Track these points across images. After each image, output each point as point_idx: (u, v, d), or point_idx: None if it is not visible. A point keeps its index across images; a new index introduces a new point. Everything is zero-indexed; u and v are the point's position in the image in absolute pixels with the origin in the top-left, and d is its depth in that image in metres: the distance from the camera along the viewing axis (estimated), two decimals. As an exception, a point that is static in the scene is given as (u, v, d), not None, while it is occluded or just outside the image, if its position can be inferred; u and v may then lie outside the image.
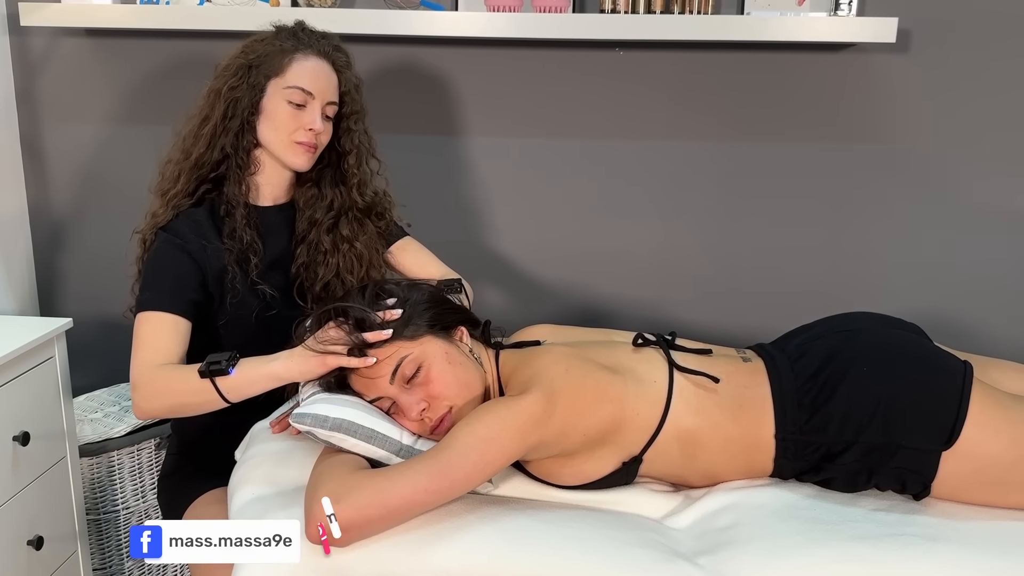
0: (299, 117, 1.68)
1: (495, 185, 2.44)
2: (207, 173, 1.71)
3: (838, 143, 2.36)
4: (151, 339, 1.56)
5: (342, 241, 1.79)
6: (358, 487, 1.27)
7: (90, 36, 2.37)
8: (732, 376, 1.51)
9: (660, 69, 2.35)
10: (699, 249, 2.45)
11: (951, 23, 2.27)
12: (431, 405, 1.43)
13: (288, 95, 1.67)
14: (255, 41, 1.71)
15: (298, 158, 1.71)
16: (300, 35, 1.71)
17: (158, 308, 1.58)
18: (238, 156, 1.70)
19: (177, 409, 1.58)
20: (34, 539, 1.93)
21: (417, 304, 1.50)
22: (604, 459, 1.46)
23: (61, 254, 2.51)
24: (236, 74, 1.67)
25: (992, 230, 2.39)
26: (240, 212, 1.69)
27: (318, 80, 1.68)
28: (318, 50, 1.70)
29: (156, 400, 1.54)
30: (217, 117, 1.68)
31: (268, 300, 1.69)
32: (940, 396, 1.42)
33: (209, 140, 1.69)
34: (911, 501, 1.46)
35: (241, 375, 1.48)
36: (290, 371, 1.46)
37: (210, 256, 1.66)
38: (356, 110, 1.78)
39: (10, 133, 2.39)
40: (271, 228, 1.76)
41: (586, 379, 1.43)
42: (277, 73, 1.67)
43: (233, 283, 1.66)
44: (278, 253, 1.76)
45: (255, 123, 1.70)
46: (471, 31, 2.19)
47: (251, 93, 1.67)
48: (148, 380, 1.53)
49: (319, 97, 1.68)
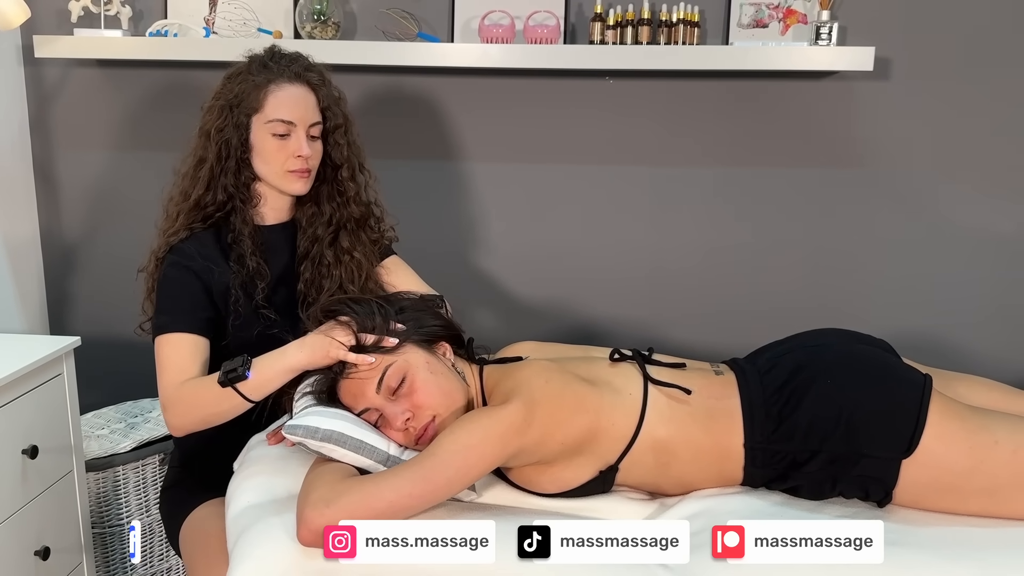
0: (286, 147, 1.72)
1: (489, 209, 2.52)
2: (213, 212, 1.75)
3: (820, 167, 2.43)
4: (173, 360, 1.63)
5: (343, 253, 1.83)
6: (347, 492, 1.33)
7: (101, 67, 2.46)
8: (704, 388, 1.56)
9: (648, 97, 2.42)
10: (686, 270, 2.52)
11: (929, 51, 2.35)
12: (415, 415, 1.49)
13: (271, 128, 1.70)
14: (231, 78, 1.74)
15: (294, 185, 1.76)
16: (270, 64, 1.72)
17: (175, 330, 1.64)
18: (240, 193, 1.75)
19: (209, 420, 1.61)
20: (41, 549, 1.98)
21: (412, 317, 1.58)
22: (582, 467, 1.52)
23: (71, 275, 2.59)
24: (220, 115, 1.71)
25: (969, 251, 2.45)
26: (247, 241, 1.74)
27: (296, 107, 1.71)
28: (290, 75, 1.72)
29: (188, 416, 1.61)
30: (212, 159, 1.72)
31: (271, 323, 1.73)
32: (900, 406, 1.47)
33: (208, 182, 1.73)
34: (875, 508, 1.51)
35: (258, 375, 1.53)
36: (300, 362, 1.52)
37: (216, 278, 1.71)
38: (340, 123, 1.79)
39: (24, 159, 2.49)
40: (274, 247, 1.81)
41: (565, 390, 1.49)
42: (256, 109, 1.70)
43: (236, 306, 1.70)
44: (281, 270, 1.81)
45: (249, 159, 1.74)
46: (466, 61, 2.27)
47: (238, 132, 1.71)
48: (177, 399, 1.60)
49: (300, 123, 1.72)
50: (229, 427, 1.74)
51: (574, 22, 2.38)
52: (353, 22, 2.42)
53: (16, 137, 2.45)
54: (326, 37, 2.32)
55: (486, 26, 2.27)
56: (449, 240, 2.52)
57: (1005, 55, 2.34)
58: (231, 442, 1.75)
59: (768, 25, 2.34)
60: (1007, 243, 2.43)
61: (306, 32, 2.33)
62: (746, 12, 2.34)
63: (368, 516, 1.32)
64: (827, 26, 2.22)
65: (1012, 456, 1.45)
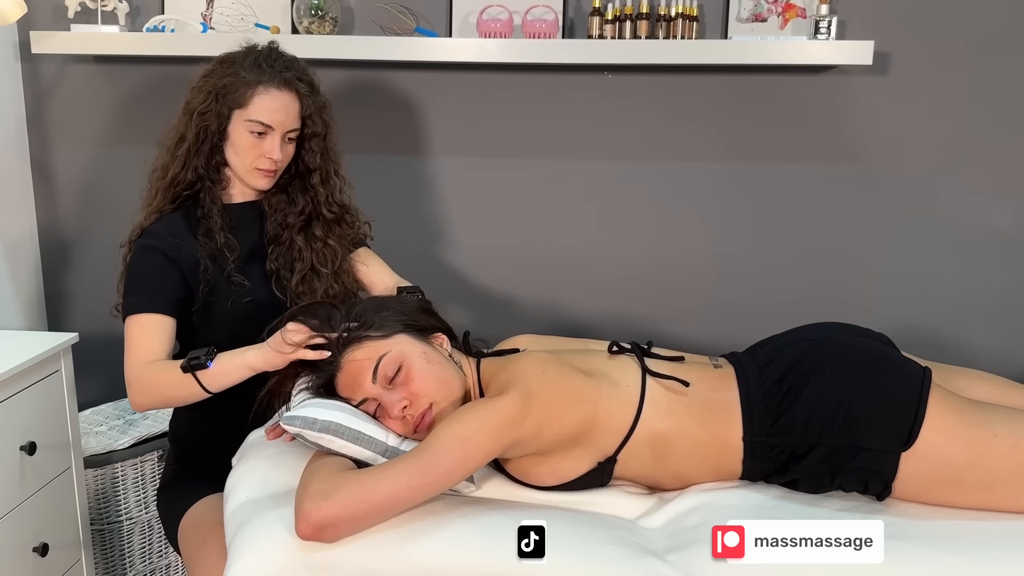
0: (260, 146, 1.76)
1: (487, 204, 2.51)
2: (182, 191, 1.80)
3: (819, 162, 2.43)
4: (139, 339, 1.69)
5: (315, 240, 1.87)
6: (344, 485, 1.33)
7: (98, 62, 2.46)
8: (702, 381, 1.57)
9: (647, 92, 2.42)
10: (684, 265, 2.51)
11: (928, 45, 2.34)
12: (412, 402, 1.50)
13: (250, 127, 1.74)
14: (223, 63, 1.77)
15: (259, 181, 1.81)
16: (263, 66, 1.75)
17: (142, 310, 1.70)
18: (209, 175, 1.79)
19: (167, 401, 1.73)
20: (39, 546, 1.98)
21: (389, 306, 1.59)
22: (579, 459, 1.52)
23: (69, 272, 2.59)
24: (206, 100, 1.75)
25: (968, 245, 2.44)
26: (215, 217, 1.78)
27: (277, 113, 1.75)
28: (280, 81, 1.75)
29: (148, 395, 1.69)
30: (191, 139, 1.76)
31: (244, 290, 1.77)
32: (899, 400, 1.47)
33: (184, 161, 1.78)
34: (874, 502, 1.51)
35: (218, 367, 1.61)
36: (257, 361, 1.59)
37: (184, 254, 1.74)
38: (317, 132, 1.83)
39: (21, 155, 2.48)
40: (243, 224, 1.84)
41: (562, 382, 1.49)
42: (240, 105, 1.74)
43: (206, 275, 1.74)
44: (251, 246, 1.84)
45: (222, 147, 1.78)
46: (464, 56, 2.27)
47: (218, 120, 1.75)
48: (139, 378, 1.67)
49: (279, 128, 1.76)
50: (225, 423, 1.76)
51: (572, 16, 2.37)
52: (350, 17, 2.42)
53: (13, 133, 2.44)
54: (323, 32, 2.32)
55: (484, 21, 2.27)
56: (447, 235, 2.52)
57: (1005, 49, 2.33)
58: (228, 438, 1.76)
59: (767, 19, 2.34)
60: (1006, 237, 2.43)
61: (303, 27, 2.32)
62: (745, 6, 2.33)
63: (366, 509, 1.32)
64: (826, 20, 2.21)
65: (1011, 449, 1.45)
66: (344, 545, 1.33)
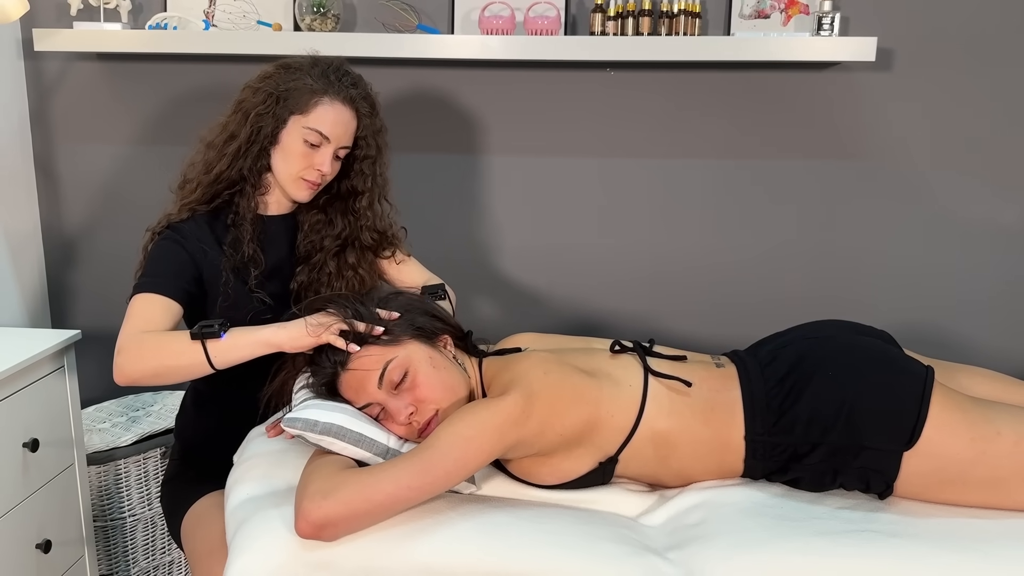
0: (311, 156, 1.73)
1: (489, 201, 2.51)
2: (223, 189, 1.77)
3: (822, 158, 2.42)
4: (141, 313, 1.61)
5: (347, 267, 1.85)
6: (345, 483, 1.33)
7: (101, 60, 2.46)
8: (704, 380, 1.56)
9: (649, 89, 2.41)
10: (687, 262, 2.51)
11: (931, 41, 2.33)
12: (419, 409, 1.49)
13: (306, 134, 1.72)
14: (287, 68, 1.74)
15: (301, 192, 1.77)
16: (331, 77, 1.73)
17: (152, 290, 1.63)
18: (252, 177, 1.76)
19: (160, 373, 1.54)
20: (42, 543, 1.98)
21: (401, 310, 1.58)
22: (581, 459, 1.52)
23: (72, 269, 2.59)
24: (265, 101, 1.72)
25: (971, 242, 2.44)
26: (247, 226, 1.75)
27: (336, 127, 1.73)
28: (345, 97, 1.73)
29: (140, 362, 1.53)
30: (243, 139, 1.73)
31: (264, 307, 1.75)
32: (902, 398, 1.47)
33: (232, 160, 1.74)
34: (876, 500, 1.51)
35: (230, 339, 1.52)
36: (279, 337, 1.51)
37: (208, 261, 1.72)
38: (370, 155, 1.82)
39: (24, 153, 2.48)
40: (272, 237, 1.82)
41: (564, 382, 1.49)
42: (301, 111, 1.71)
43: (227, 288, 1.72)
44: (277, 262, 1.82)
45: (270, 151, 1.75)
46: (466, 53, 2.25)
47: (274, 123, 1.72)
48: (135, 344, 1.55)
49: (334, 142, 1.74)
50: (230, 420, 1.76)
51: (574, 13, 2.37)
52: (353, 14, 2.41)
53: (16, 131, 2.45)
54: (325, 29, 2.31)
55: (486, 17, 2.27)
56: (449, 233, 2.52)
57: (1008, 45, 2.33)
58: (232, 434, 1.76)
59: (770, 16, 2.33)
60: (1009, 234, 2.42)
61: (306, 24, 2.32)
62: (748, 2, 2.32)
63: (366, 508, 1.32)
64: (829, 16, 2.20)
65: (1014, 447, 1.44)
66: (345, 543, 1.33)
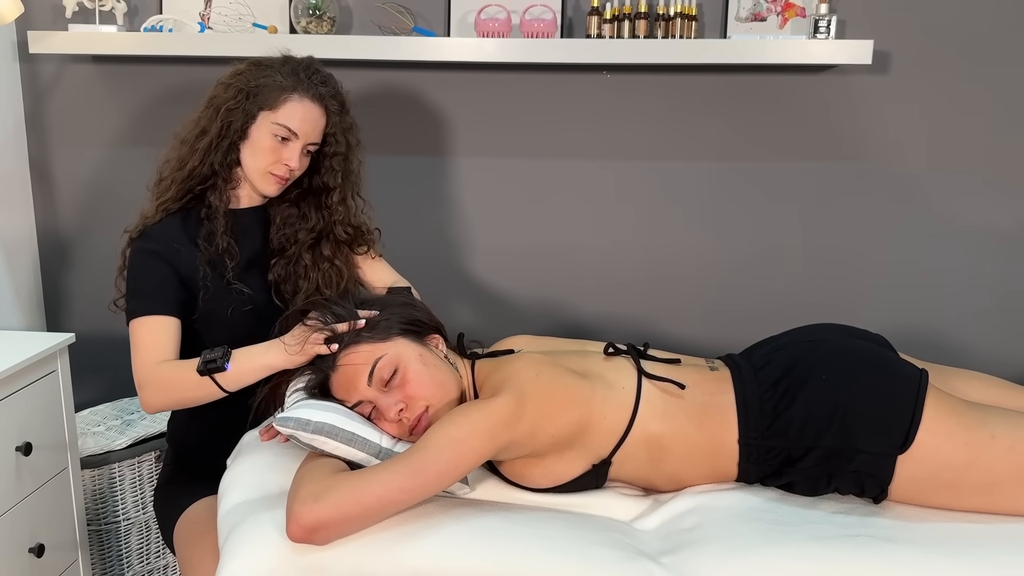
0: (279, 151, 1.76)
1: (485, 203, 2.51)
2: (196, 184, 1.79)
3: (818, 161, 2.42)
4: (146, 341, 1.68)
5: (322, 260, 1.87)
6: (336, 486, 1.32)
7: (96, 62, 2.45)
8: (698, 383, 1.56)
9: (645, 91, 2.41)
10: (682, 265, 2.50)
11: (927, 44, 2.33)
12: (408, 405, 1.49)
13: (274, 129, 1.74)
14: (258, 66, 1.77)
15: (269, 187, 1.80)
16: (301, 75, 1.76)
17: (146, 313, 1.69)
18: (223, 171, 1.78)
19: (182, 402, 1.70)
20: (35, 547, 1.97)
21: (387, 307, 1.58)
22: (574, 461, 1.51)
23: (67, 272, 2.58)
24: (235, 96, 1.75)
25: (967, 246, 2.43)
26: (220, 220, 1.78)
27: (305, 123, 1.75)
28: (314, 94, 1.76)
29: (162, 395, 1.67)
30: (213, 133, 1.76)
31: (244, 298, 1.77)
32: (896, 402, 1.47)
33: (203, 155, 1.77)
34: (870, 504, 1.50)
35: (236, 368, 1.60)
36: (278, 361, 1.58)
37: (183, 260, 1.74)
38: (340, 151, 1.84)
39: (20, 156, 2.48)
40: (245, 230, 1.84)
41: (555, 383, 1.49)
42: (270, 107, 1.74)
43: (205, 282, 1.74)
44: (252, 254, 1.84)
45: (239, 146, 1.77)
46: (462, 56, 2.25)
47: (244, 118, 1.75)
48: (152, 379, 1.65)
49: (303, 138, 1.76)
50: (223, 425, 1.76)
51: (571, 16, 2.36)
52: (348, 16, 2.41)
53: (11, 133, 2.44)
54: (321, 32, 2.31)
55: (482, 20, 2.26)
56: (444, 236, 2.51)
57: (1005, 48, 2.32)
58: (225, 439, 1.76)
59: (766, 19, 2.33)
60: (1005, 238, 2.42)
61: (301, 27, 2.32)
62: (744, 5, 2.32)
63: (357, 511, 1.32)
64: (825, 19, 2.20)
65: (1009, 451, 1.44)
66: (337, 547, 1.33)
